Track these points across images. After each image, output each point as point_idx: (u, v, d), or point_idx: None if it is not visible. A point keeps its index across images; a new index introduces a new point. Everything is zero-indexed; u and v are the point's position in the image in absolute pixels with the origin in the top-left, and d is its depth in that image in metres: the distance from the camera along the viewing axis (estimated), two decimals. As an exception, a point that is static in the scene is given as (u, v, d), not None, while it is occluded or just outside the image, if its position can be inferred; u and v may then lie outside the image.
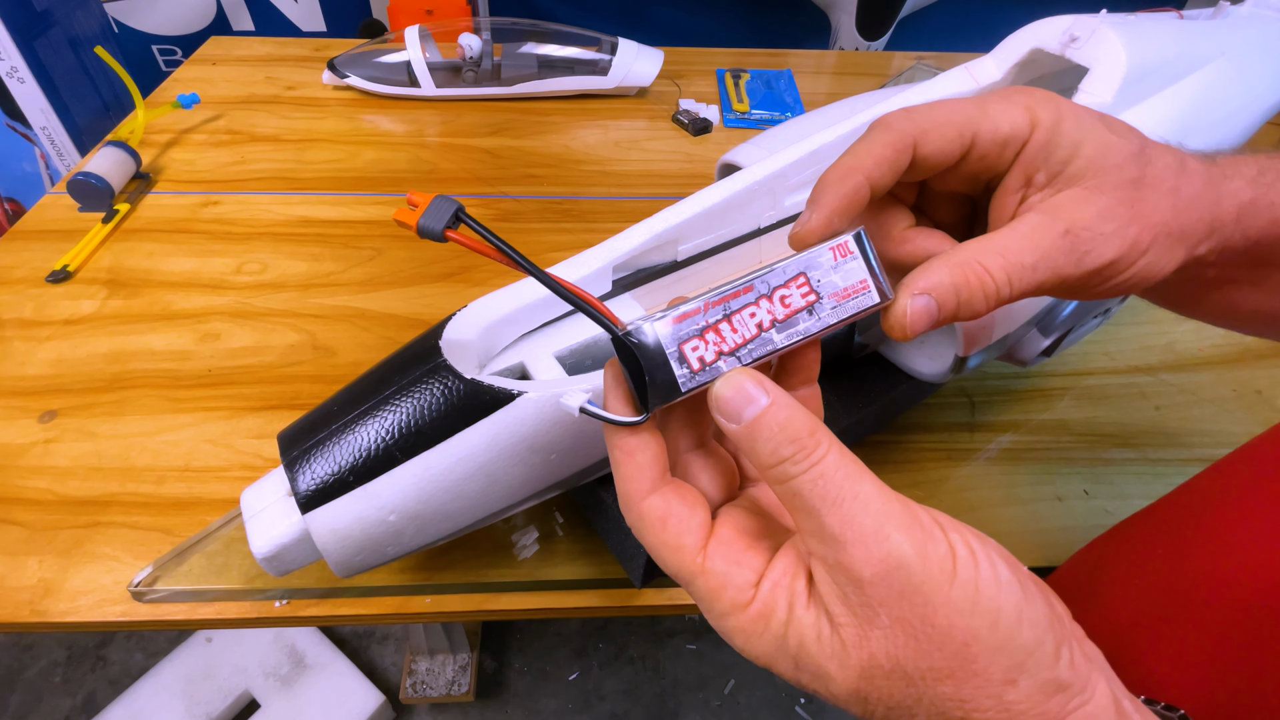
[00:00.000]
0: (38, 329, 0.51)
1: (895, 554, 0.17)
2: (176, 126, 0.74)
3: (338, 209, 0.64)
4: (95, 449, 0.43)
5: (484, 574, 0.38)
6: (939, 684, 0.17)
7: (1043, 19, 0.40)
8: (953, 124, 0.23)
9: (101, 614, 0.36)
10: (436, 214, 0.22)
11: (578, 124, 0.79)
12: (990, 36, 0.42)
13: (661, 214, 0.36)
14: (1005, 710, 0.17)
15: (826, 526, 0.18)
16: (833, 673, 0.18)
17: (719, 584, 0.19)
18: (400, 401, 0.28)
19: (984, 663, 0.17)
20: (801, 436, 0.19)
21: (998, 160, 0.24)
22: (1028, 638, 0.17)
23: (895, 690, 0.18)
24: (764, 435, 0.19)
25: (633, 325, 0.20)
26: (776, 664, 0.19)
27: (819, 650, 0.18)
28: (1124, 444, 0.47)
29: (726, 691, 1.07)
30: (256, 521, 0.29)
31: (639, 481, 0.21)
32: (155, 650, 1.07)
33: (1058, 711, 0.17)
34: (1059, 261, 0.23)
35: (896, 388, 0.41)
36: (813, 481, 0.18)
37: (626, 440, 0.21)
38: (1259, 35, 0.46)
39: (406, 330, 0.52)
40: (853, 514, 0.18)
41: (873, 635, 0.17)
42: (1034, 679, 0.17)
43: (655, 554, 0.21)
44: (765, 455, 0.19)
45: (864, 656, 0.18)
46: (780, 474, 0.19)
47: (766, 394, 0.19)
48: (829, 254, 0.21)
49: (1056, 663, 0.17)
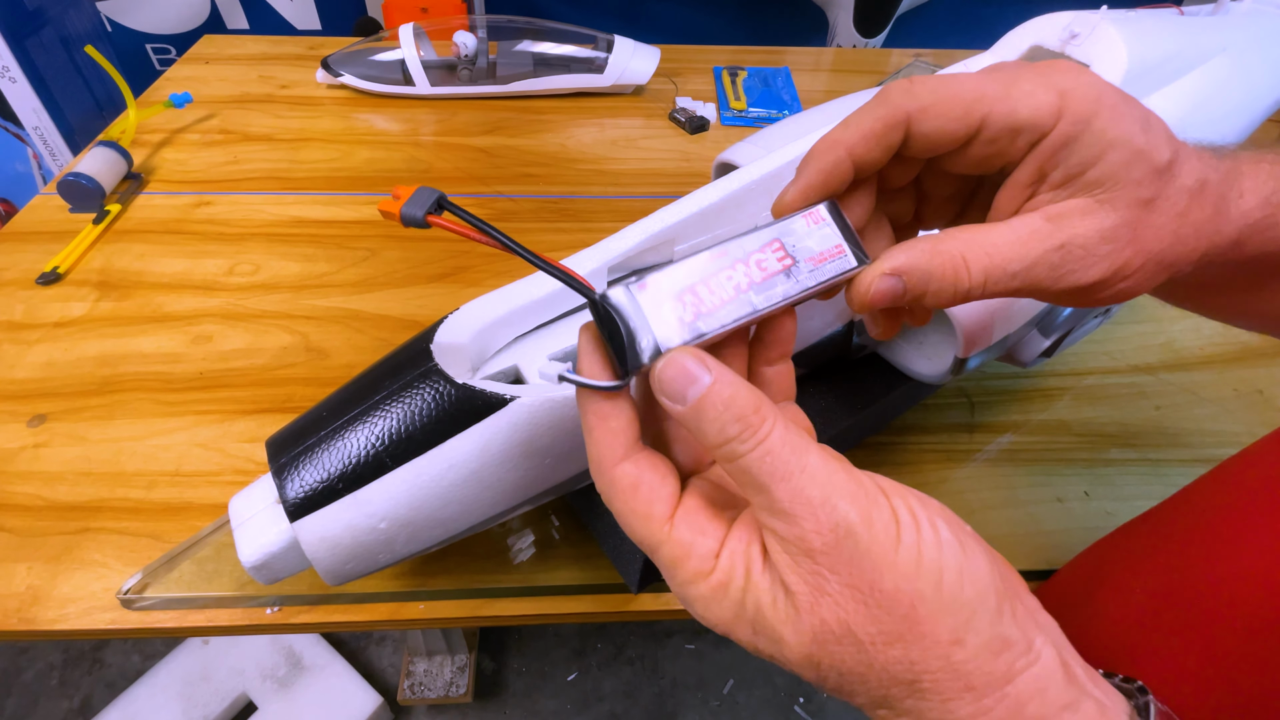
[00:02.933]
0: (27, 331, 0.50)
1: (843, 523, 0.18)
2: (169, 126, 0.74)
3: (331, 209, 0.64)
4: (85, 453, 0.43)
5: (479, 579, 0.38)
6: (889, 648, 0.17)
7: (1043, 15, 0.40)
8: (959, 101, 0.21)
9: (90, 622, 0.36)
10: (419, 201, 0.22)
11: (574, 122, 0.78)
12: (989, 33, 0.41)
13: (658, 214, 0.36)
14: (953, 671, 0.17)
15: (776, 501, 0.18)
16: (786, 637, 0.18)
17: (683, 553, 0.19)
18: (391, 407, 0.28)
19: (930, 624, 0.17)
20: (747, 414, 0.19)
21: (1009, 148, 0.22)
22: (969, 595, 0.18)
23: (847, 656, 0.18)
24: (709, 415, 0.19)
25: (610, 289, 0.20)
26: (735, 630, 0.19)
27: (773, 615, 0.18)
28: (1124, 444, 0.46)
29: (725, 691, 1.07)
30: (245, 529, 0.28)
31: (612, 447, 0.20)
32: (152, 653, 1.06)
33: (1005, 670, 0.17)
34: (1040, 274, 0.22)
35: (895, 389, 0.40)
36: (760, 459, 0.18)
37: (600, 405, 0.20)
38: (1260, 31, 0.46)
39: (400, 332, 0.52)
40: (800, 487, 0.18)
41: (823, 602, 0.18)
42: (979, 637, 0.17)
43: (623, 520, 0.21)
44: (712, 435, 0.19)
45: (816, 622, 0.18)
46: (728, 453, 0.19)
47: (709, 372, 0.19)
48: (801, 221, 0.21)
49: (1000, 619, 0.18)
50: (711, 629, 0.20)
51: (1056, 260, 0.22)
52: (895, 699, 0.18)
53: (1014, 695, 0.17)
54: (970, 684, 0.17)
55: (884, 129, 0.22)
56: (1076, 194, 0.22)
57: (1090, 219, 0.22)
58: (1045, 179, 0.22)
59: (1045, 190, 0.22)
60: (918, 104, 0.21)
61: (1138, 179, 0.21)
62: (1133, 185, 0.21)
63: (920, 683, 0.17)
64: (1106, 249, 0.22)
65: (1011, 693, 0.17)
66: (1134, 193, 0.21)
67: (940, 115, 0.21)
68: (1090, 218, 0.22)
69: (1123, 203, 0.21)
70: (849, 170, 0.22)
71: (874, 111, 0.22)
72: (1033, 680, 0.18)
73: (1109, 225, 0.22)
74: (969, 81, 0.21)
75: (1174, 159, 0.22)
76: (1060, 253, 0.22)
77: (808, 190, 0.22)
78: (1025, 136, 0.21)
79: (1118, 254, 0.22)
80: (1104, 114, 0.21)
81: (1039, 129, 0.21)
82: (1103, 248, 0.22)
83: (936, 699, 0.17)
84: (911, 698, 0.18)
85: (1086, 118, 0.21)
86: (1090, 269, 0.22)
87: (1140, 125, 0.21)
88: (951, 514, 0.19)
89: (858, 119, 0.22)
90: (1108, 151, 0.21)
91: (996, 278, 0.22)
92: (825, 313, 0.37)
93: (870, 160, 0.22)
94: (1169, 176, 0.22)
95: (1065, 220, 0.22)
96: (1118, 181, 0.21)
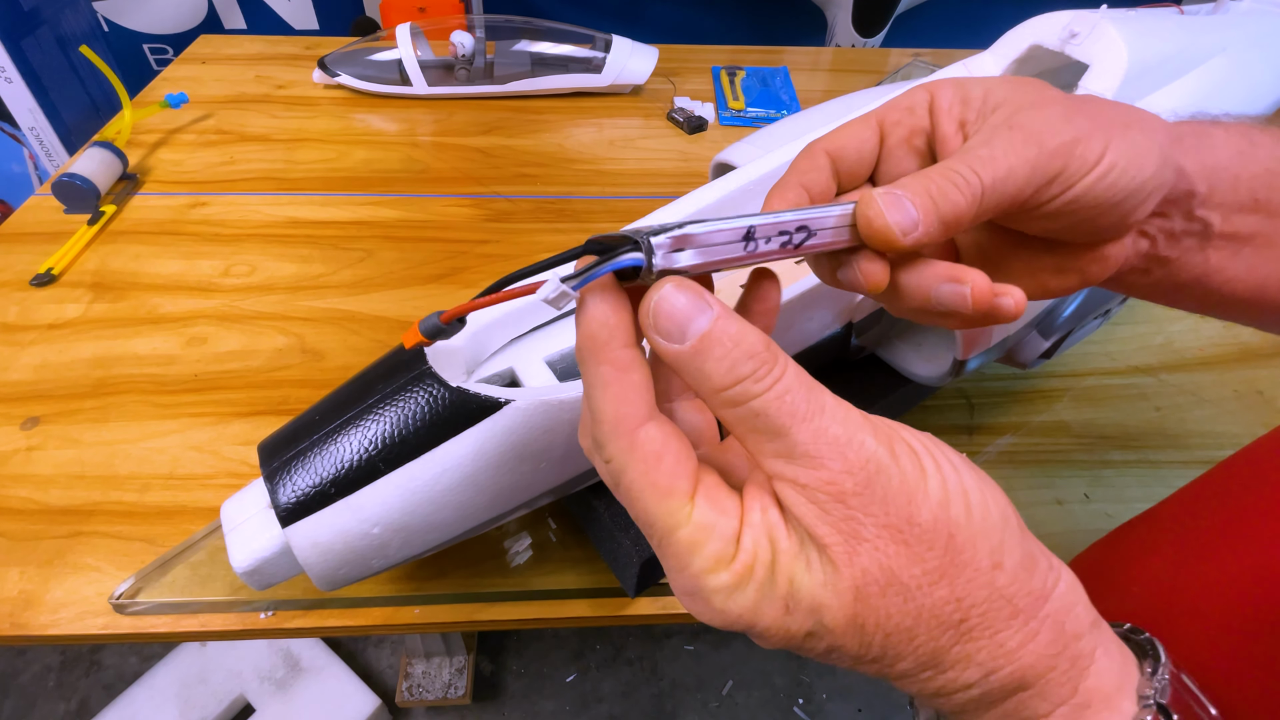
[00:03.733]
0: (21, 333, 0.50)
1: (873, 459, 0.16)
2: (165, 126, 0.73)
3: (328, 210, 0.63)
4: (78, 456, 0.42)
5: (475, 583, 0.38)
6: (934, 588, 0.16)
7: (1042, 14, 0.39)
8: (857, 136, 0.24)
9: (83, 626, 0.35)
10: (426, 324, 0.22)
11: (572, 122, 0.78)
12: (988, 33, 0.41)
13: (654, 215, 0.35)
14: (1000, 596, 0.17)
15: (799, 445, 0.17)
16: (828, 601, 0.17)
17: (704, 536, 0.17)
18: (383, 411, 0.27)
19: (970, 552, 0.17)
20: (760, 350, 0.17)
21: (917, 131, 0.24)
22: (996, 516, 0.17)
23: (893, 609, 0.16)
24: (716, 352, 0.17)
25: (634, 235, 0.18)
26: (762, 616, 0.17)
27: (811, 580, 0.17)
28: (1124, 446, 0.46)
29: (724, 692, 1.07)
30: (236, 535, 0.28)
31: (634, 404, 0.18)
32: (149, 654, 1.06)
33: (1040, 587, 0.17)
34: (1020, 152, 0.21)
35: (894, 390, 0.40)
36: (779, 398, 0.17)
37: (620, 353, 0.18)
38: (1260, 31, 0.45)
39: (397, 333, 0.52)
40: (824, 427, 0.17)
41: (862, 549, 0.16)
42: (1013, 557, 0.17)
43: (637, 495, 0.18)
44: (719, 376, 0.17)
45: (856, 573, 0.16)
46: (739, 394, 0.17)
47: (711, 305, 0.17)
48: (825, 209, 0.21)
49: (1025, 536, 0.18)
50: (726, 626, 0.18)
51: (1019, 139, 0.21)
52: (943, 650, 0.17)
53: (1053, 615, 0.17)
54: (1016, 608, 0.17)
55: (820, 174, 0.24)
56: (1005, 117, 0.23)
57: (1035, 112, 0.22)
58: (965, 124, 0.23)
59: (974, 128, 0.23)
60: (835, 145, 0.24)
61: (1052, 96, 0.23)
62: (1050, 102, 0.23)
63: (968, 620, 0.17)
64: (1061, 121, 0.22)
65: (1050, 611, 0.17)
66: (1058, 102, 0.23)
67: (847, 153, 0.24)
68: (1034, 110, 0.22)
69: (1049, 101, 0.22)
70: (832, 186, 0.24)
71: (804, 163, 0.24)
72: (1064, 596, 0.17)
73: (1053, 112, 0.22)
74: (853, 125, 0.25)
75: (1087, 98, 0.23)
76: (1015, 131, 0.22)
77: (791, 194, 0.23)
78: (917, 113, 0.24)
79: (1072, 120, 0.22)
80: (972, 83, 0.24)
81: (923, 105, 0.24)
82: (1061, 124, 0.22)
83: (986, 635, 0.17)
84: (960, 643, 0.17)
85: (958, 84, 0.24)
86: (1059, 129, 0.21)
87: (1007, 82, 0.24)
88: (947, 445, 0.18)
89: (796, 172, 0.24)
90: (993, 91, 0.23)
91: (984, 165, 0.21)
92: (824, 314, 0.37)
93: None
94: (1094, 101, 0.23)
95: (1011, 122, 0.22)
96: (1032, 102, 0.22)
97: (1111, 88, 0.36)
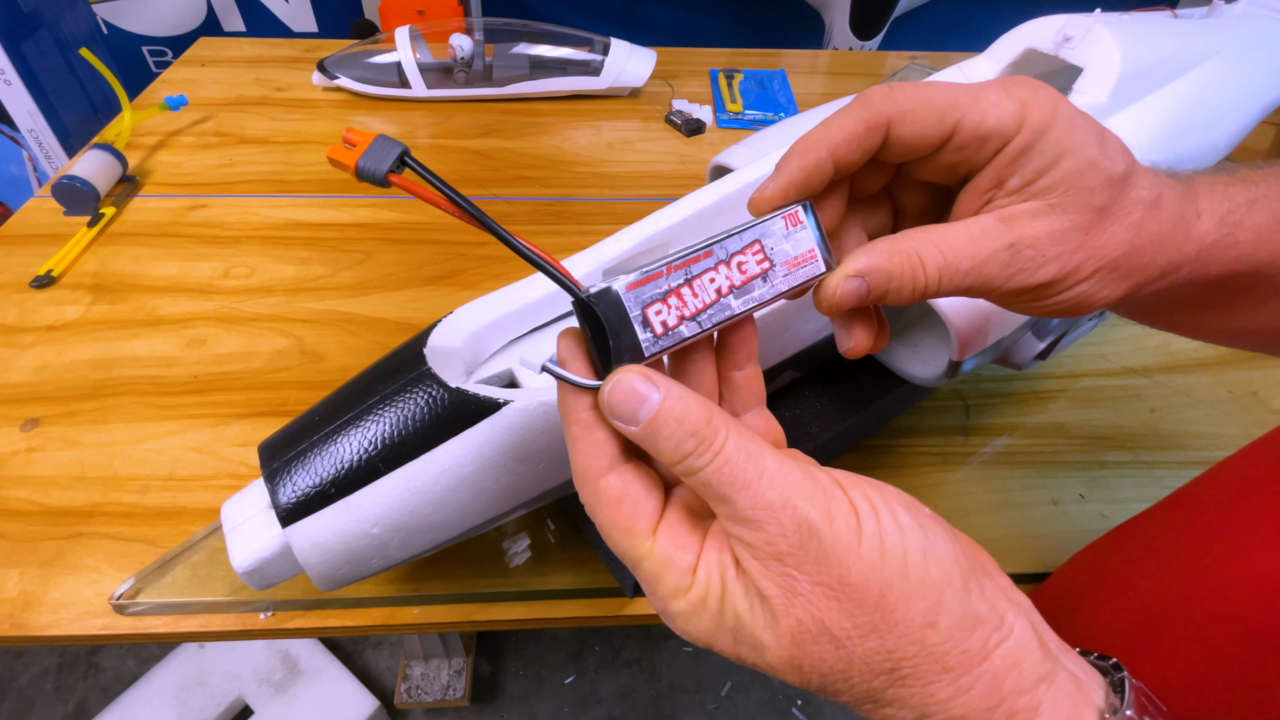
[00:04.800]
0: (21, 335, 0.50)
1: (805, 522, 0.18)
2: (164, 129, 0.74)
3: (327, 212, 0.63)
4: (78, 458, 0.43)
5: (474, 584, 0.38)
6: (865, 640, 0.18)
7: (1037, 18, 0.40)
8: (935, 108, 0.22)
9: (83, 627, 0.35)
10: (378, 155, 0.19)
11: (570, 125, 0.78)
12: (984, 36, 0.42)
13: (653, 217, 0.36)
14: (930, 654, 0.17)
15: (739, 510, 0.18)
16: (766, 643, 0.18)
17: (663, 569, 0.19)
18: (383, 411, 0.27)
19: (902, 610, 0.17)
20: (700, 428, 0.19)
21: (976, 155, 0.22)
22: (935, 576, 0.18)
23: (826, 655, 0.18)
24: (664, 433, 0.19)
25: (596, 288, 0.20)
26: (717, 641, 0.19)
27: (752, 623, 0.19)
28: (1120, 447, 0.46)
29: (723, 694, 1.07)
30: (237, 535, 0.28)
31: (596, 458, 0.20)
32: (147, 656, 1.06)
33: (979, 647, 0.18)
34: (991, 271, 0.22)
35: (890, 391, 0.40)
36: (718, 470, 0.18)
37: (585, 414, 0.20)
38: (1253, 34, 0.46)
39: (396, 335, 0.52)
40: (760, 493, 0.18)
41: (797, 603, 0.18)
42: (950, 617, 0.18)
43: (606, 533, 0.20)
44: (668, 452, 0.19)
45: (792, 624, 0.18)
46: (686, 468, 0.19)
47: (657, 389, 0.19)
48: (781, 223, 0.21)
49: (969, 596, 0.18)
50: (694, 643, 0.20)
51: (1006, 259, 0.22)
52: (878, 691, 0.18)
53: (991, 672, 0.17)
54: (947, 665, 0.17)
55: (865, 131, 0.22)
56: (1030, 199, 0.22)
57: (1041, 221, 0.22)
58: (1004, 185, 0.23)
59: (1002, 196, 0.23)
60: (897, 108, 0.22)
61: (1090, 186, 0.22)
62: (1085, 192, 0.22)
63: (900, 670, 0.18)
64: (1056, 250, 0.22)
65: (988, 669, 0.17)
66: (1086, 199, 0.22)
67: (919, 120, 0.22)
68: (1041, 220, 0.22)
69: (1074, 208, 0.22)
70: (829, 170, 0.22)
71: (856, 113, 0.22)
72: (1008, 655, 0.18)
73: (1059, 228, 0.22)
74: (944, 89, 0.22)
75: (1129, 172, 0.22)
76: (1010, 251, 0.22)
77: (788, 188, 0.22)
78: (991, 144, 0.22)
79: (1068, 257, 0.22)
80: (1060, 124, 0.22)
81: (1004, 135, 0.22)
82: (1052, 249, 0.22)
83: (917, 684, 0.18)
84: (894, 687, 0.18)
85: (1043, 127, 0.21)
86: (1040, 269, 0.22)
87: (1095, 138, 0.22)
88: (909, 498, 0.19)
89: (839, 120, 0.22)
90: (1061, 159, 0.22)
91: (950, 275, 0.22)
92: (821, 316, 0.37)
93: (849, 161, 0.22)
94: (1123, 187, 0.22)
95: (1017, 221, 0.22)
96: (1070, 187, 0.22)
97: (1105, 91, 0.37)
